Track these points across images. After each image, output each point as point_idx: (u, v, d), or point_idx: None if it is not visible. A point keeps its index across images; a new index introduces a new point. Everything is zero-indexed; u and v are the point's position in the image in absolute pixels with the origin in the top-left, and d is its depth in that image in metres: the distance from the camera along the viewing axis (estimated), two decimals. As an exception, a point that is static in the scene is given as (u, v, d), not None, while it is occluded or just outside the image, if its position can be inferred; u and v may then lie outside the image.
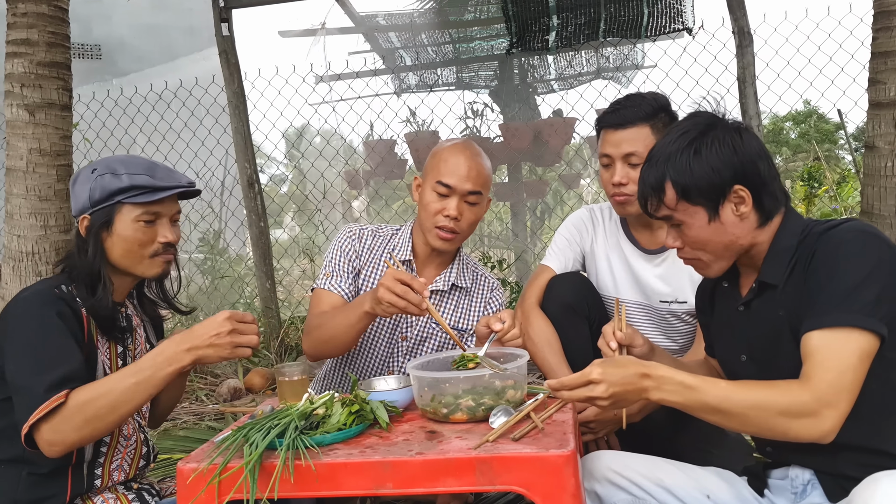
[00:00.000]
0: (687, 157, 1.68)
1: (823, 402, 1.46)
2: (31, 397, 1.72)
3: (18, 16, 3.53)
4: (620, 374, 1.54)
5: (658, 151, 1.74)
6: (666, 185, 1.70)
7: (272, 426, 1.66)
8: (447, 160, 2.39)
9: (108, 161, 2.00)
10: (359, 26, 7.02)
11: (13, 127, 3.53)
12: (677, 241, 1.77)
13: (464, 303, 2.56)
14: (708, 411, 1.54)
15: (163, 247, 2.00)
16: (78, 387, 1.75)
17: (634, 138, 2.35)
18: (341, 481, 1.58)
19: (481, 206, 2.44)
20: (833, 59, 5.22)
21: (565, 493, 1.52)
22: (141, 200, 1.94)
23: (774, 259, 1.71)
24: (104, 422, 1.75)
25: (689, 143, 1.70)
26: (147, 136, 6.89)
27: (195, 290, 6.89)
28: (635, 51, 6.79)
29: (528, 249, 6.89)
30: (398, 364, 2.54)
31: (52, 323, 1.80)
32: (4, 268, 3.61)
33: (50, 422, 1.71)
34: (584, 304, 2.49)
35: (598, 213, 2.66)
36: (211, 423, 4.14)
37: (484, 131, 7.22)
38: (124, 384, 1.75)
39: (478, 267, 2.65)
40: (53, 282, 1.94)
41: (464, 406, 1.80)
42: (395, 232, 2.59)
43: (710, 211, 1.68)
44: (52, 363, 1.76)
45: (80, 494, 1.92)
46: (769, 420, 1.50)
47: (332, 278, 2.50)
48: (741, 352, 1.82)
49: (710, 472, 1.83)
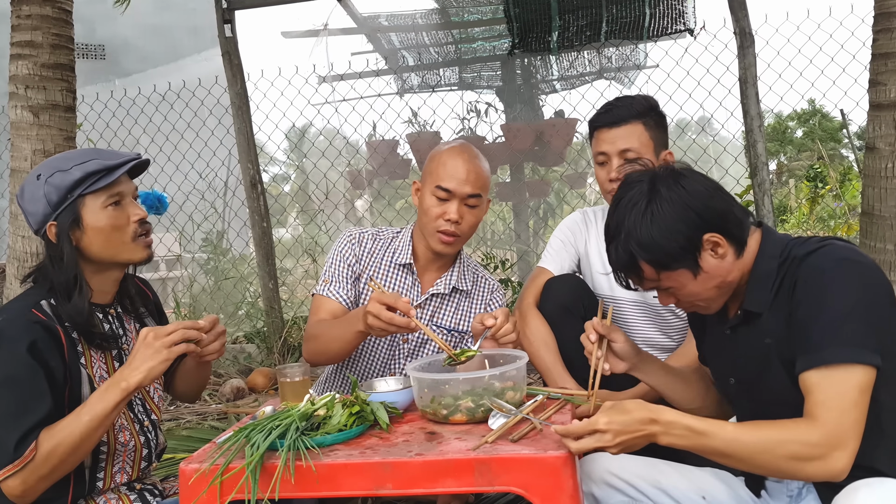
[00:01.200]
0: (647, 231, 1.63)
1: (832, 444, 1.46)
2: (1, 451, 1.73)
3: (23, 18, 3.56)
4: (626, 421, 1.53)
5: (615, 229, 1.70)
6: (641, 265, 1.67)
7: (273, 427, 1.67)
8: (446, 164, 2.40)
9: (48, 162, 1.93)
10: (361, 27, 7.03)
11: (17, 128, 3.56)
12: (671, 300, 1.75)
13: (464, 305, 2.57)
14: (716, 455, 1.54)
15: (139, 225, 1.96)
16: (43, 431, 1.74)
17: (629, 134, 2.41)
18: (342, 482, 1.60)
19: (481, 207, 2.46)
20: (835, 59, 5.23)
21: (563, 494, 1.53)
22: (101, 185, 1.88)
23: (756, 285, 1.69)
24: (68, 463, 1.78)
25: (641, 214, 1.65)
26: (150, 136, 6.91)
27: (198, 290, 6.92)
28: (637, 51, 6.80)
29: (530, 250, 6.90)
30: (399, 366, 2.55)
31: (21, 362, 1.76)
32: (9, 268, 3.63)
33: (19, 475, 1.72)
34: (579, 305, 2.51)
35: (591, 214, 2.71)
36: (214, 422, 4.16)
37: (486, 132, 7.24)
38: (80, 424, 1.75)
39: (478, 269, 2.66)
40: (31, 299, 1.88)
41: (463, 407, 1.82)
42: (396, 235, 2.60)
43: (692, 268, 1.65)
44: (21, 410, 1.75)
45: (81, 496, 1.93)
46: (779, 463, 1.50)
47: (330, 284, 2.51)
48: (729, 374, 1.82)
49: (707, 473, 1.84)
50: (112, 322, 2.04)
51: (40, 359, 1.79)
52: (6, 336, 1.79)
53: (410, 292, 2.53)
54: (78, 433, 1.75)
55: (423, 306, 2.53)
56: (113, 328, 2.03)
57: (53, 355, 1.82)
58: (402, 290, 2.53)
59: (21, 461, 1.71)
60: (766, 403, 1.65)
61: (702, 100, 5.75)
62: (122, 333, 2.07)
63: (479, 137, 7.04)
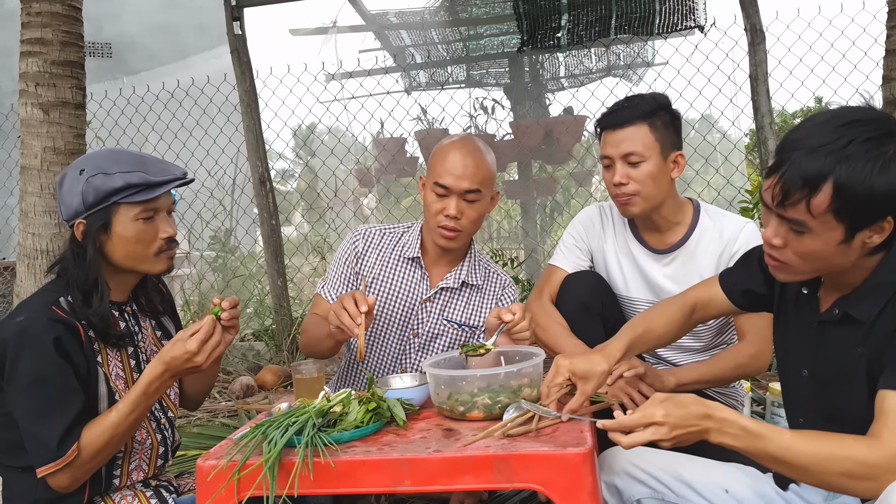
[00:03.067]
0: (871, 167, 1.41)
1: (889, 468, 1.41)
2: (44, 450, 1.76)
3: (33, 15, 3.56)
4: (683, 415, 1.47)
5: (827, 142, 1.45)
6: (825, 186, 1.44)
7: (290, 424, 1.67)
8: (444, 159, 2.39)
9: (95, 159, 1.92)
10: (370, 24, 7.03)
11: (28, 125, 3.56)
12: (780, 240, 1.56)
13: (475, 300, 2.57)
14: (768, 460, 1.49)
15: (165, 243, 1.97)
16: (85, 428, 1.79)
17: (633, 137, 2.35)
18: (360, 478, 1.59)
19: (483, 202, 2.43)
20: (846, 56, 5.20)
21: (583, 491, 1.53)
22: (139, 199, 1.89)
23: (869, 294, 1.56)
24: (112, 453, 1.86)
25: (878, 152, 1.43)
26: (159, 134, 6.91)
27: (207, 287, 6.92)
28: (646, 48, 6.78)
29: (538, 247, 6.88)
30: (411, 361, 2.56)
31: (50, 360, 1.77)
32: (19, 265, 3.63)
33: (66, 471, 1.77)
34: (598, 303, 2.49)
35: (609, 210, 2.64)
36: (224, 420, 4.16)
37: (494, 129, 7.22)
38: (127, 421, 1.82)
39: (490, 264, 2.65)
40: (50, 296, 1.89)
41: (480, 404, 1.81)
42: (407, 229, 2.61)
43: (847, 233, 1.47)
44: (58, 408, 1.77)
45: (98, 494, 1.93)
46: (829, 478, 1.45)
47: (327, 284, 2.59)
48: (804, 366, 1.72)
49: (731, 468, 1.83)
50: (128, 320, 2.04)
51: (66, 356, 1.80)
52: (31, 335, 1.79)
53: (419, 286, 2.53)
54: (115, 422, 1.81)
55: (432, 300, 2.53)
56: (129, 326, 2.04)
57: (77, 351, 1.84)
58: (410, 284, 2.53)
59: (65, 459, 1.75)
60: (835, 408, 1.56)
61: (712, 97, 5.72)
62: (138, 331, 2.07)
63: (488, 135, 7.03)
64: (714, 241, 2.42)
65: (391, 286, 2.54)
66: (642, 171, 2.34)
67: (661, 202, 2.40)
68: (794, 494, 1.76)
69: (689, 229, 2.46)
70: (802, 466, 1.45)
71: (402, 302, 2.53)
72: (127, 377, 1.98)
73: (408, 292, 2.53)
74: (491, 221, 7.80)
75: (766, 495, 1.77)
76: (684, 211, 2.48)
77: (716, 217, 2.47)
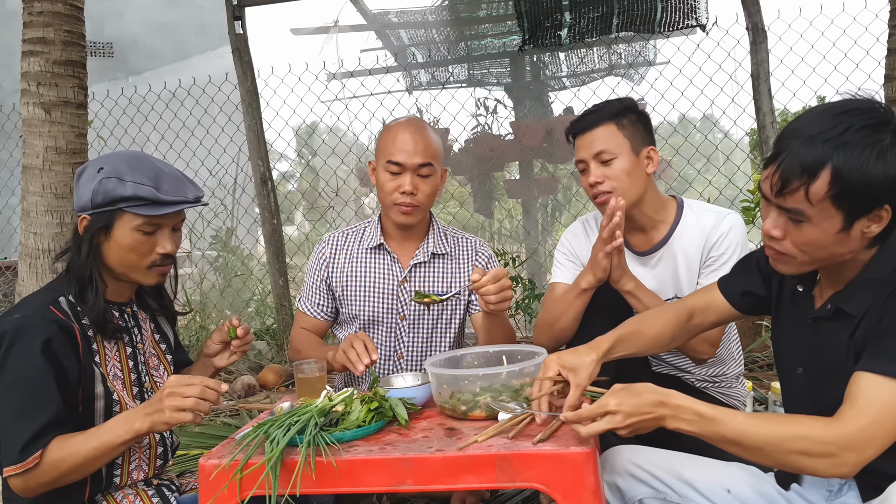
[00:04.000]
0: (868, 154, 1.42)
1: (847, 446, 1.42)
2: (10, 451, 1.74)
3: (34, 14, 3.56)
4: (637, 403, 1.51)
5: (825, 130, 1.45)
6: (822, 172, 1.44)
7: (292, 423, 1.67)
8: (394, 139, 2.48)
9: (115, 161, 1.93)
10: (371, 24, 7.03)
11: (29, 125, 3.56)
12: (779, 231, 1.55)
13: (449, 267, 2.64)
14: (725, 443, 1.51)
15: (160, 258, 1.97)
16: (54, 437, 1.76)
17: (602, 136, 2.38)
18: (362, 478, 1.59)
19: (435, 177, 2.52)
20: (848, 55, 5.19)
21: (585, 490, 1.53)
22: (143, 213, 1.89)
23: (861, 289, 1.57)
24: (69, 478, 1.79)
25: (875, 139, 1.43)
26: (161, 133, 6.92)
27: (208, 287, 6.92)
28: (648, 47, 6.77)
29: (539, 247, 6.88)
30: (404, 345, 2.62)
31: (33, 364, 1.76)
32: (21, 265, 3.63)
33: (22, 476, 1.75)
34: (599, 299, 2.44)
35: (592, 221, 2.67)
36: (226, 419, 4.16)
37: (496, 128, 7.22)
38: (89, 448, 1.76)
39: (458, 232, 2.73)
40: (51, 295, 1.90)
41: (482, 403, 1.81)
42: (368, 224, 2.70)
43: (845, 221, 1.47)
44: (30, 411, 1.76)
45: (99, 492, 1.93)
46: (786, 457, 1.47)
47: (303, 297, 2.72)
48: (799, 363, 1.73)
49: (732, 467, 1.82)
50: (127, 321, 2.06)
51: (54, 359, 1.80)
52: (22, 335, 1.79)
53: (392, 270, 2.61)
54: (83, 455, 1.76)
55: (408, 279, 2.60)
56: (128, 326, 2.05)
57: (67, 354, 1.83)
58: (382, 271, 2.61)
59: (24, 465, 1.73)
60: (829, 404, 1.53)
61: (713, 96, 5.72)
62: (138, 332, 2.08)
63: (492, 134, 7.03)
64: (697, 235, 2.42)
65: (365, 279, 2.61)
66: (615, 168, 2.36)
67: (640, 198, 2.40)
68: (796, 494, 1.75)
69: (672, 226, 2.46)
70: (757, 447, 1.48)
71: (380, 290, 2.60)
72: (125, 377, 1.98)
73: (383, 279, 2.60)
74: (492, 221, 7.80)
75: (767, 494, 1.77)
76: (667, 208, 2.48)
77: (699, 211, 2.47)
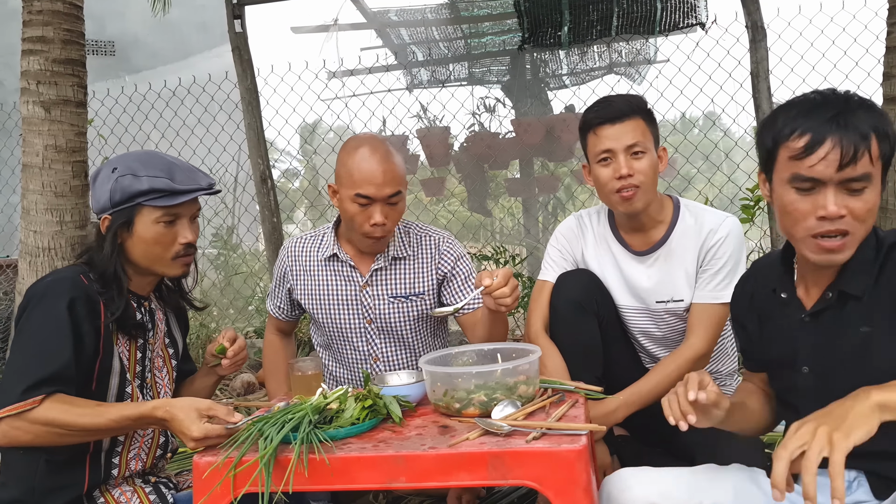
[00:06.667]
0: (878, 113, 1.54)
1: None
2: (8, 391, 1.76)
3: (34, 13, 3.56)
4: None
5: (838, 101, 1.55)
6: (872, 133, 1.52)
7: (286, 420, 1.67)
8: (360, 169, 2.36)
9: (128, 160, 2.01)
10: (371, 22, 7.03)
11: (29, 123, 3.56)
12: (843, 210, 1.54)
13: (412, 268, 2.57)
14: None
15: (183, 248, 2.04)
16: (55, 393, 1.77)
17: (634, 129, 2.31)
18: (355, 475, 1.60)
19: (404, 199, 2.45)
20: (847, 53, 5.19)
21: (577, 488, 1.53)
22: (160, 204, 1.97)
23: (859, 269, 1.61)
24: (55, 442, 1.79)
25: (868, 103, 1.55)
26: (161, 132, 6.92)
27: (208, 285, 6.93)
28: (647, 46, 6.76)
29: (540, 245, 6.88)
30: (376, 348, 2.60)
31: (55, 316, 1.82)
32: (21, 263, 3.64)
33: (12, 421, 1.75)
34: (592, 302, 2.44)
35: (587, 218, 2.61)
36: (225, 417, 4.17)
37: (495, 127, 7.22)
38: (82, 421, 1.77)
39: (421, 229, 2.63)
40: (83, 269, 1.97)
41: (476, 401, 1.81)
42: (328, 230, 2.64)
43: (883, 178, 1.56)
44: (39, 361, 1.78)
45: (97, 485, 1.94)
46: None
47: (269, 297, 2.81)
48: (803, 363, 1.71)
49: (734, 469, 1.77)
50: (144, 314, 2.10)
51: (75, 318, 1.84)
52: (51, 292, 1.86)
53: (351, 277, 2.56)
54: (81, 411, 1.77)
55: (370, 283, 2.55)
56: (144, 320, 2.09)
57: (88, 320, 1.87)
58: (340, 279, 2.58)
59: (19, 406, 1.74)
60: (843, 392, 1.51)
61: (713, 94, 5.71)
62: (151, 327, 2.12)
63: (491, 133, 7.02)
64: (694, 237, 2.40)
65: (326, 288, 2.59)
66: (644, 163, 2.31)
67: (654, 197, 2.40)
68: (798, 495, 1.74)
69: (670, 227, 2.44)
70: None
71: (342, 298, 2.57)
72: (131, 367, 2.02)
73: (343, 286, 2.57)
74: (492, 220, 7.80)
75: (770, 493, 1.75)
76: (665, 208, 2.46)
77: (696, 212, 2.45)
